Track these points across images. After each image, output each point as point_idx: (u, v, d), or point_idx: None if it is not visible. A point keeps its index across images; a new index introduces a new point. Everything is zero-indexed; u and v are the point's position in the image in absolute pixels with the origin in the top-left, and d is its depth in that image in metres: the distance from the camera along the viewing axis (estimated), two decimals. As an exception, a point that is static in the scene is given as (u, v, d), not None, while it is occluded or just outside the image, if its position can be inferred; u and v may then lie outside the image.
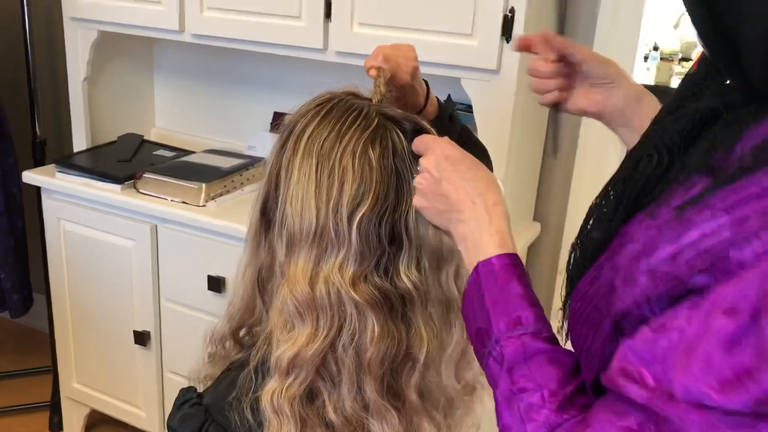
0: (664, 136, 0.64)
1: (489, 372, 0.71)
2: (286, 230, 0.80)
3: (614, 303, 0.60)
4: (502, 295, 0.71)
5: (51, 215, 2.10)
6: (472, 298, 0.73)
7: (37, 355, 2.68)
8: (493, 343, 0.70)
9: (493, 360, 0.69)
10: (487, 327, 0.71)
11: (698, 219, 0.55)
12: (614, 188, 0.68)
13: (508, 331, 0.69)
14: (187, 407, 0.84)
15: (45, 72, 2.52)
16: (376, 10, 1.62)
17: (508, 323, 0.69)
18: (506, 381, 0.68)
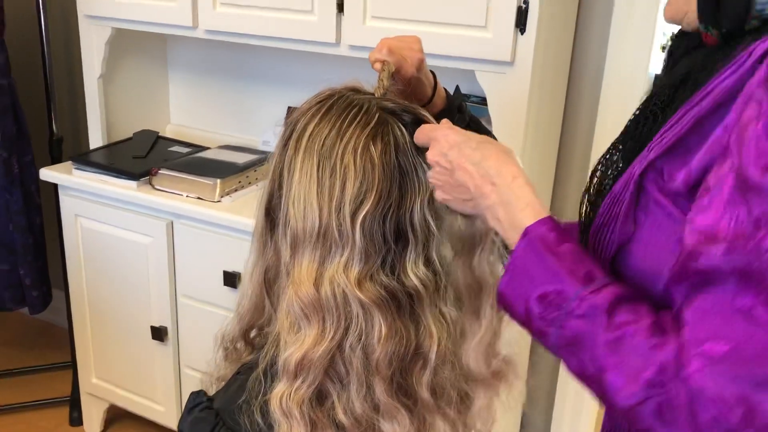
0: (656, 98, 0.78)
1: (571, 334, 0.69)
2: (290, 231, 0.80)
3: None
4: (561, 257, 0.71)
5: (68, 212, 2.12)
6: (527, 267, 0.72)
7: (57, 351, 2.71)
8: (575, 300, 0.69)
9: (578, 318, 0.68)
10: (560, 288, 0.70)
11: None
12: (623, 144, 0.81)
13: (586, 287, 0.69)
14: (198, 411, 0.84)
15: (61, 70, 2.53)
16: (388, 3, 1.61)
17: (582, 279, 0.69)
18: (608, 329, 0.67)
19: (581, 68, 1.80)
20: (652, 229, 0.73)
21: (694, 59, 0.76)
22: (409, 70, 0.97)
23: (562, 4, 1.66)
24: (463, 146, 0.78)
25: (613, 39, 1.72)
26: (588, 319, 0.68)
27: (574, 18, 1.76)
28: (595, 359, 0.67)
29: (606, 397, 0.68)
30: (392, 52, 0.95)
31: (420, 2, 1.57)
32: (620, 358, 0.66)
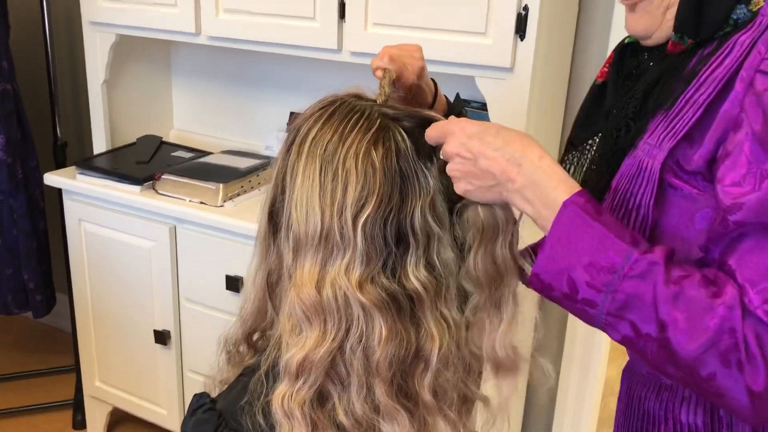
0: (628, 107, 0.86)
1: (627, 295, 0.72)
2: (293, 234, 0.81)
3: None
4: (605, 224, 0.74)
5: (72, 217, 2.13)
6: (571, 239, 0.74)
7: (60, 355, 2.73)
8: (630, 262, 0.71)
9: (634, 278, 0.71)
10: (610, 253, 0.72)
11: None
12: (604, 155, 0.91)
13: (637, 248, 0.72)
14: (201, 413, 0.85)
15: (65, 75, 2.55)
16: (389, 10, 1.63)
17: (630, 243, 0.73)
18: (667, 285, 0.70)
19: (581, 73, 1.81)
20: (673, 212, 0.80)
21: (660, 68, 0.85)
22: (410, 78, 0.99)
23: (562, 10, 1.67)
24: (482, 135, 0.80)
25: (613, 44, 1.73)
26: (646, 277, 0.71)
27: (574, 23, 1.77)
28: (655, 316, 0.70)
29: (669, 350, 0.71)
30: (393, 59, 0.97)
31: (420, 9, 1.59)
32: (683, 310, 0.70)
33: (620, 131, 0.86)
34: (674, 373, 0.73)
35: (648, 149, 0.82)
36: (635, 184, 0.82)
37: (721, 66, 0.77)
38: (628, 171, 0.84)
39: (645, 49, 0.90)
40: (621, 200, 0.84)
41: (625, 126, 0.86)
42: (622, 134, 0.86)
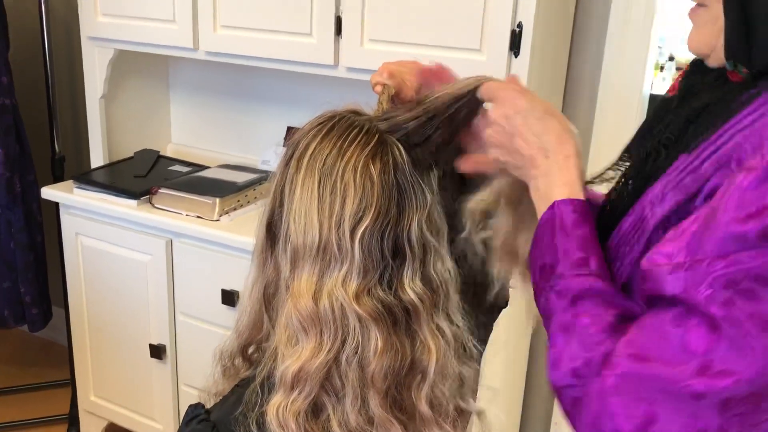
0: (666, 131, 0.77)
1: (547, 306, 0.75)
2: (290, 245, 0.82)
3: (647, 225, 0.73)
4: (571, 237, 0.75)
5: (69, 230, 2.14)
6: (542, 237, 0.77)
7: (56, 369, 2.72)
8: (558, 277, 0.74)
9: (556, 294, 0.74)
10: (554, 263, 0.75)
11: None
12: (632, 177, 0.81)
13: (575, 269, 0.74)
14: (195, 423, 0.85)
15: (64, 90, 2.57)
16: (385, 26, 1.64)
17: (575, 262, 0.74)
18: (567, 312, 0.72)
19: (576, 88, 1.83)
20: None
21: (713, 94, 0.75)
22: (409, 94, 0.99)
23: (556, 27, 1.70)
24: (528, 115, 0.80)
25: (608, 59, 1.76)
26: (558, 297, 0.73)
27: (568, 39, 1.79)
28: (552, 333, 0.73)
29: (548, 371, 0.73)
30: (393, 75, 0.97)
31: (416, 26, 1.60)
32: (565, 342, 0.71)
33: (650, 156, 0.78)
34: None
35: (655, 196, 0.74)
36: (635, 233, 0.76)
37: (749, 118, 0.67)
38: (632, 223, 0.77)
39: (712, 69, 0.77)
40: (618, 245, 0.78)
41: (655, 151, 0.78)
42: (650, 160, 0.78)
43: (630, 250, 0.75)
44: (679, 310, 0.63)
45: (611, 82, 1.76)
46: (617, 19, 1.73)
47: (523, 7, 1.49)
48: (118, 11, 2.01)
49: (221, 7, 1.85)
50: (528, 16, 1.49)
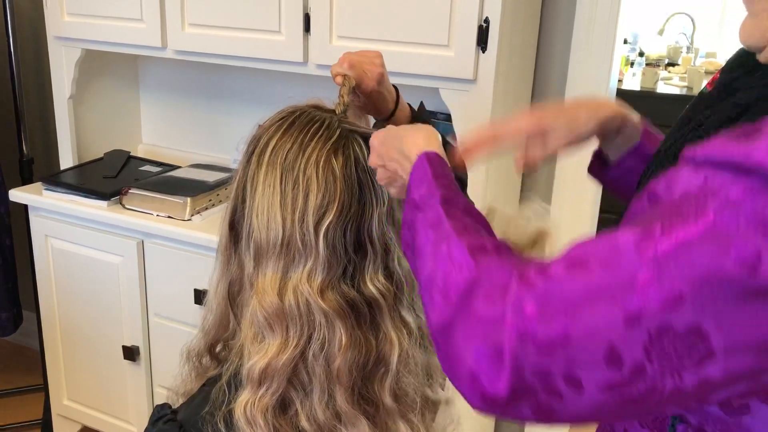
0: (699, 130, 0.70)
1: (410, 227, 0.72)
2: (254, 242, 0.82)
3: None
4: (439, 174, 0.73)
5: (39, 233, 2.11)
6: (416, 181, 0.75)
7: (28, 374, 2.69)
8: (427, 199, 0.71)
9: (422, 213, 0.70)
10: (424, 189, 0.72)
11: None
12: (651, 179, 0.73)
13: (446, 190, 0.72)
14: (162, 424, 0.85)
15: (32, 91, 2.53)
16: (354, 23, 1.64)
17: (446, 192, 0.72)
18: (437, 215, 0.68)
19: (544, 83, 1.84)
20: None
21: (760, 92, 0.68)
22: (370, 84, 0.99)
23: (523, 22, 1.71)
24: (386, 139, 0.81)
25: (575, 53, 1.77)
26: (427, 210, 0.70)
27: (535, 34, 1.81)
28: (421, 255, 0.68)
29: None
30: (353, 66, 0.97)
31: (384, 22, 1.61)
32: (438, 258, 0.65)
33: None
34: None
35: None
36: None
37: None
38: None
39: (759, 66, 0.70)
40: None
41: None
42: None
43: None
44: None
45: (578, 76, 1.77)
46: (583, 14, 1.74)
47: (489, 3, 1.50)
48: (84, 10, 1.99)
49: (189, 5, 1.84)
50: (495, 12, 1.50)
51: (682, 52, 4.33)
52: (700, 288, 0.51)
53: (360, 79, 0.96)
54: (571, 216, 1.88)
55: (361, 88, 0.97)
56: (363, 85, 0.97)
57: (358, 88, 0.96)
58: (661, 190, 0.60)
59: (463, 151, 0.82)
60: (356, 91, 0.96)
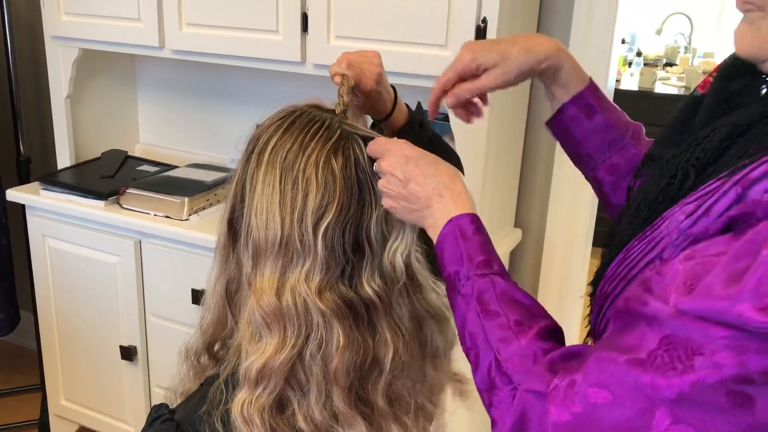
0: (697, 150, 0.68)
1: (457, 309, 0.76)
2: (252, 241, 0.81)
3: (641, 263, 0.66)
4: (472, 242, 0.76)
5: (36, 232, 2.11)
6: (444, 250, 0.78)
7: (26, 374, 2.68)
8: (464, 280, 0.75)
9: (461, 297, 0.74)
10: (458, 269, 0.76)
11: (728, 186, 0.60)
12: (645, 198, 0.73)
13: (479, 270, 0.75)
14: (159, 424, 0.84)
15: (29, 90, 2.53)
16: (351, 22, 1.64)
17: (479, 264, 0.75)
18: (474, 312, 0.72)
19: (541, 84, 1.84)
20: None
21: (763, 108, 0.66)
22: (368, 84, 0.99)
23: (521, 22, 1.71)
24: (419, 161, 0.82)
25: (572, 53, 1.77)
26: (465, 300, 0.74)
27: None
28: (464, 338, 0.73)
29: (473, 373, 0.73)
30: (352, 65, 0.97)
31: (382, 22, 1.60)
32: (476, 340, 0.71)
33: (675, 177, 0.69)
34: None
35: (672, 226, 0.65)
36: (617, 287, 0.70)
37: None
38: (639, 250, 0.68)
39: (760, 74, 0.67)
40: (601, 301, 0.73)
41: (683, 172, 0.68)
42: (675, 181, 0.69)
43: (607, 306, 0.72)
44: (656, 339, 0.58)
45: (577, 76, 1.77)
46: (581, 14, 1.74)
47: (487, 3, 1.50)
48: (82, 10, 1.98)
49: (186, 5, 1.83)
50: (492, 11, 1.50)
51: (680, 52, 4.33)
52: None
53: (359, 79, 0.96)
54: (568, 216, 1.88)
55: (359, 87, 0.97)
56: (362, 84, 0.97)
57: (357, 87, 0.96)
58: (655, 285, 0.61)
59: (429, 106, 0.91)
60: (355, 90, 0.96)
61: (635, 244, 0.69)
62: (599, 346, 0.63)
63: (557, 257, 1.92)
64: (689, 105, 0.78)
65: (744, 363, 0.53)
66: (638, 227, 0.71)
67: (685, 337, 0.56)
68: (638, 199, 0.75)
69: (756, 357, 0.53)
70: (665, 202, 0.69)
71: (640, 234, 0.69)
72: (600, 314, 0.73)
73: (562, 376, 0.62)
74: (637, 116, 0.98)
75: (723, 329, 0.54)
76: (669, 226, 0.65)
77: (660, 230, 0.66)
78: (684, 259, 0.60)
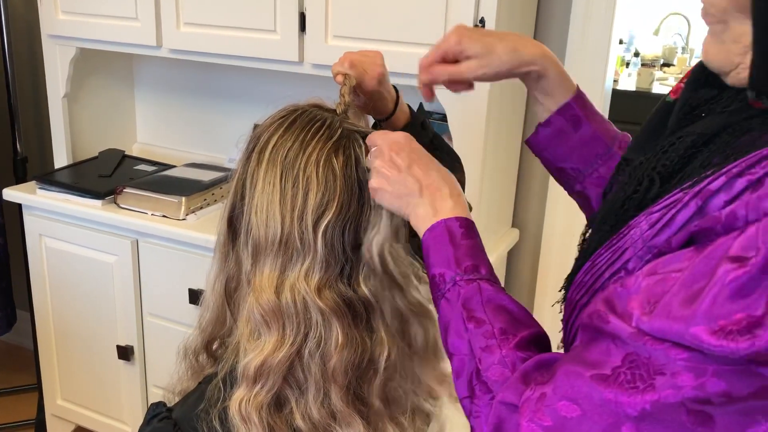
0: (663, 157, 0.69)
1: (441, 313, 0.75)
2: (252, 239, 0.82)
3: (606, 274, 0.66)
4: (460, 247, 0.75)
5: (33, 232, 2.10)
6: (431, 251, 0.77)
7: (22, 373, 2.67)
8: (450, 284, 0.74)
9: (446, 301, 0.74)
10: (444, 273, 0.75)
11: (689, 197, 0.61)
12: (611, 205, 0.73)
13: (466, 275, 0.74)
14: (156, 422, 0.84)
15: (26, 89, 2.53)
16: (349, 22, 1.64)
17: (467, 269, 0.74)
18: (459, 318, 0.71)
19: (539, 84, 1.84)
20: None
21: (729, 119, 0.66)
22: (370, 84, 0.99)
23: (519, 22, 1.71)
24: (421, 153, 0.83)
25: (570, 53, 1.77)
26: (449, 304, 0.73)
27: (531, 34, 1.81)
28: (448, 342, 0.72)
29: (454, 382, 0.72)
30: (354, 65, 0.97)
31: (379, 21, 1.60)
32: (462, 345, 0.70)
33: (641, 184, 0.69)
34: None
35: (637, 236, 0.65)
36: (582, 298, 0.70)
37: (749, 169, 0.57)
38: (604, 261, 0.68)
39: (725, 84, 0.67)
40: (571, 311, 0.73)
41: (648, 179, 0.69)
42: (641, 188, 0.69)
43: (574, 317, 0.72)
44: (619, 358, 0.58)
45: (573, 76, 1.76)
46: (578, 14, 1.75)
47: (485, 2, 1.50)
48: (79, 9, 1.98)
49: (184, 4, 1.83)
50: (490, 11, 1.50)
51: (678, 52, 4.34)
52: None
53: (361, 79, 0.96)
54: (565, 216, 1.89)
55: (361, 87, 0.97)
56: (364, 84, 0.97)
57: (359, 87, 0.96)
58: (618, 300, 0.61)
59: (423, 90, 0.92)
60: (357, 90, 0.96)
61: (602, 252, 0.69)
62: (568, 357, 0.63)
63: (554, 257, 1.92)
64: (660, 111, 0.78)
65: (702, 385, 0.54)
66: (605, 234, 0.71)
67: (646, 356, 0.56)
68: (606, 205, 0.75)
69: (713, 379, 0.53)
70: (631, 209, 0.69)
71: (607, 242, 0.69)
72: (569, 321, 0.73)
73: (534, 387, 0.63)
74: (634, 116, 0.97)
75: (682, 351, 0.55)
76: (634, 235, 0.65)
77: (625, 239, 0.66)
78: (647, 274, 0.60)
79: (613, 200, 0.73)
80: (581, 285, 0.71)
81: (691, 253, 0.58)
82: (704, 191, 0.60)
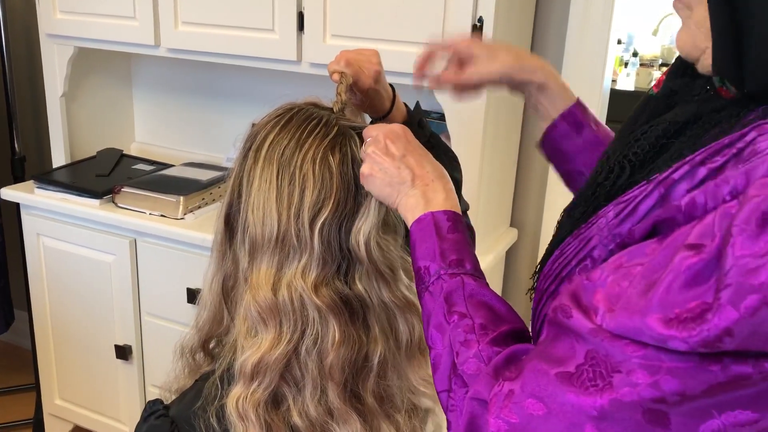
0: (635, 145, 0.69)
1: (424, 307, 0.74)
2: (249, 237, 0.82)
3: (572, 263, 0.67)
4: (446, 240, 0.75)
5: (30, 231, 2.10)
6: (417, 243, 0.76)
7: (20, 373, 2.67)
8: (434, 277, 0.73)
9: (429, 294, 0.73)
10: (429, 266, 0.75)
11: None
12: (583, 192, 0.74)
13: (450, 269, 0.73)
14: (153, 419, 0.84)
15: (24, 88, 2.52)
16: (347, 21, 1.64)
17: (451, 262, 0.74)
18: (441, 311, 0.71)
19: (537, 84, 1.84)
20: None
21: (699, 108, 0.66)
22: (367, 82, 0.99)
23: (517, 21, 1.71)
24: (416, 145, 0.83)
25: (568, 53, 1.77)
26: (432, 297, 0.73)
27: (529, 34, 1.81)
28: (429, 334, 0.72)
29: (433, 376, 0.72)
30: (350, 63, 0.97)
31: (379, 21, 1.61)
32: (442, 340, 0.70)
33: (612, 172, 0.69)
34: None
35: (603, 224, 0.66)
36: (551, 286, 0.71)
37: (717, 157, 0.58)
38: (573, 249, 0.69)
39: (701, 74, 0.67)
40: (538, 301, 0.74)
41: (619, 167, 0.69)
42: (611, 176, 0.69)
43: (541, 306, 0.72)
44: (582, 356, 0.58)
45: (572, 76, 1.78)
46: (577, 14, 1.75)
47: (483, 2, 1.50)
48: (77, 8, 1.98)
49: (182, 3, 1.83)
50: (488, 11, 1.50)
51: (676, 52, 4.34)
52: None
53: (357, 77, 0.96)
54: (564, 215, 1.89)
55: (358, 85, 0.97)
56: (360, 82, 0.97)
57: (355, 85, 0.96)
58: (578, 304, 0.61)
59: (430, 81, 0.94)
60: (353, 88, 0.96)
61: (570, 241, 0.70)
62: (536, 353, 0.63)
63: (553, 257, 1.92)
64: (643, 104, 0.78)
65: (657, 383, 0.54)
66: (576, 222, 0.71)
67: (604, 354, 0.57)
68: (578, 193, 0.76)
69: (667, 377, 0.53)
70: (601, 197, 0.70)
71: (576, 231, 0.70)
72: (537, 310, 0.74)
73: (502, 383, 0.63)
74: (633, 116, 0.99)
75: (638, 348, 0.54)
76: (601, 224, 0.66)
77: (592, 228, 0.67)
78: (613, 269, 0.60)
79: (585, 188, 0.74)
80: (549, 274, 0.71)
81: (654, 245, 0.58)
82: (667, 180, 0.60)
